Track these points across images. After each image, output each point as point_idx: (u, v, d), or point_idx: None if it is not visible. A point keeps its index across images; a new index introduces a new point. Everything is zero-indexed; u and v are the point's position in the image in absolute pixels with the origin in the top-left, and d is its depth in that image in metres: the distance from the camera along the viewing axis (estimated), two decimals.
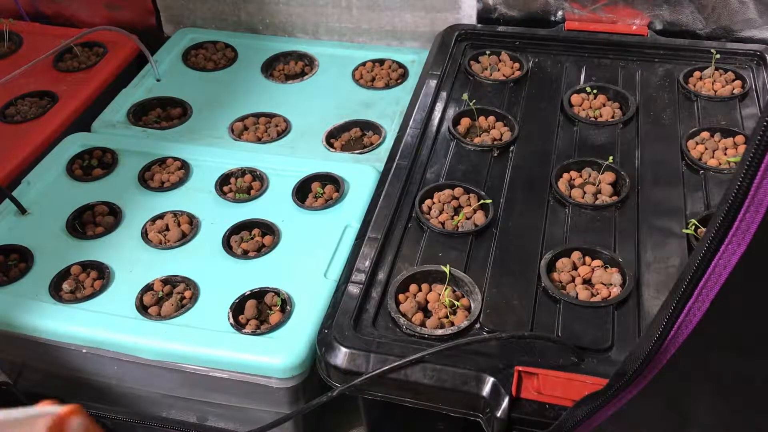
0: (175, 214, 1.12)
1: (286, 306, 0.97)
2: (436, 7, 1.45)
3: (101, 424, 1.04)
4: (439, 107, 1.25)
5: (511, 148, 1.16)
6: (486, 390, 0.81)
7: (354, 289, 0.92)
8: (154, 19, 1.64)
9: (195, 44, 1.56)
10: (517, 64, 1.35)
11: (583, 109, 1.24)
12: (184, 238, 1.09)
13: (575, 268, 0.96)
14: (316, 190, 1.16)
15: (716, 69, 1.28)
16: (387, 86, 1.41)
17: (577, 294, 0.92)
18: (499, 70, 1.34)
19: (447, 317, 0.90)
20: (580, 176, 1.10)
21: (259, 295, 0.99)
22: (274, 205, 1.14)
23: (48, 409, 0.46)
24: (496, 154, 1.15)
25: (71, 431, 0.44)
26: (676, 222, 1.01)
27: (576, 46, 1.37)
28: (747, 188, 0.44)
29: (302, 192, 1.17)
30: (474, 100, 1.22)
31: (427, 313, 0.91)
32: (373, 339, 0.86)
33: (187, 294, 1.00)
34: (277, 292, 0.99)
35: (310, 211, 1.13)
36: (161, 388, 1.02)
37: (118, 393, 1.06)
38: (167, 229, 1.10)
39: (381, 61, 1.48)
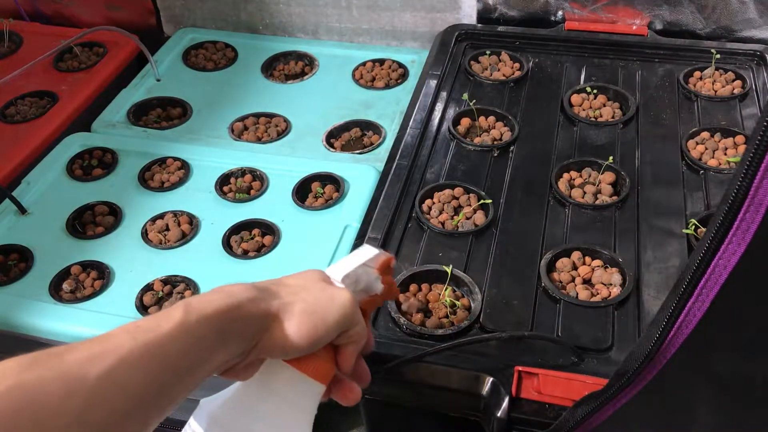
0: (175, 214, 1.12)
1: None
2: (436, 7, 1.45)
3: None
4: (439, 107, 1.25)
5: (511, 148, 1.16)
6: (486, 390, 0.81)
7: None
8: (154, 19, 1.64)
9: (195, 44, 1.56)
10: (517, 64, 1.35)
11: (583, 109, 1.24)
12: (184, 238, 1.09)
13: (575, 268, 0.96)
14: (316, 190, 1.16)
15: (716, 69, 1.28)
16: (387, 86, 1.41)
17: (577, 294, 0.92)
18: (499, 70, 1.34)
19: (447, 317, 0.90)
20: (580, 176, 1.10)
21: None
22: (274, 205, 1.14)
23: (380, 251, 0.62)
24: (496, 154, 1.15)
25: (392, 266, 0.63)
26: (676, 222, 1.01)
27: (576, 46, 1.37)
28: (747, 188, 0.44)
29: (302, 192, 1.17)
30: (474, 100, 1.22)
31: (427, 313, 0.91)
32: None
33: (187, 294, 1.00)
34: None
35: (310, 211, 1.13)
36: None
37: None
38: (167, 229, 1.10)
39: (381, 61, 1.48)
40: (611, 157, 1.08)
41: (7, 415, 0.36)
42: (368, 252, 0.61)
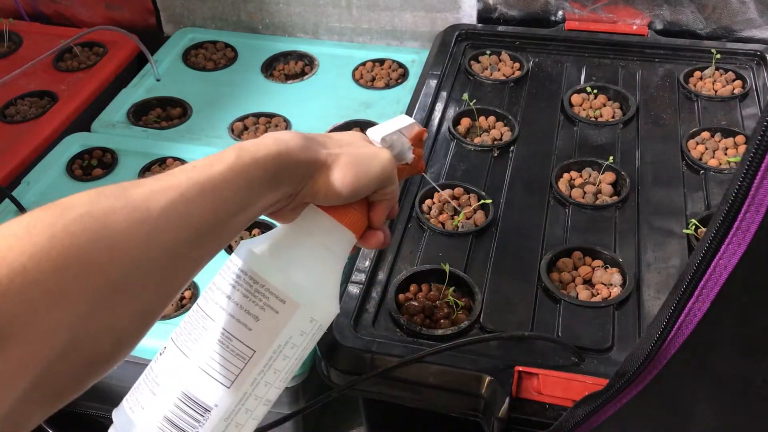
0: None
1: None
2: (436, 7, 1.45)
3: (100, 425, 1.04)
4: (439, 107, 1.25)
5: (511, 148, 1.16)
6: (486, 390, 0.81)
7: (354, 289, 0.92)
8: (154, 19, 1.64)
9: (195, 44, 1.56)
10: (517, 64, 1.35)
11: (584, 109, 1.24)
12: None
13: (575, 268, 0.96)
14: None
15: (716, 69, 1.28)
16: (387, 86, 1.41)
17: (577, 294, 0.92)
18: (499, 70, 1.34)
19: (448, 317, 0.90)
20: (580, 176, 1.10)
21: None
22: None
23: (415, 122, 0.67)
24: (496, 154, 1.15)
25: (423, 139, 0.68)
26: (677, 222, 1.01)
27: (576, 46, 1.37)
28: (747, 188, 0.44)
29: None
30: (474, 100, 1.22)
31: (427, 313, 0.91)
32: (373, 339, 0.86)
33: (187, 294, 1.00)
34: None
35: None
36: None
37: (118, 393, 1.05)
38: None
39: (381, 61, 1.48)
40: (611, 157, 1.08)
41: (83, 235, 0.39)
42: (404, 120, 0.66)
